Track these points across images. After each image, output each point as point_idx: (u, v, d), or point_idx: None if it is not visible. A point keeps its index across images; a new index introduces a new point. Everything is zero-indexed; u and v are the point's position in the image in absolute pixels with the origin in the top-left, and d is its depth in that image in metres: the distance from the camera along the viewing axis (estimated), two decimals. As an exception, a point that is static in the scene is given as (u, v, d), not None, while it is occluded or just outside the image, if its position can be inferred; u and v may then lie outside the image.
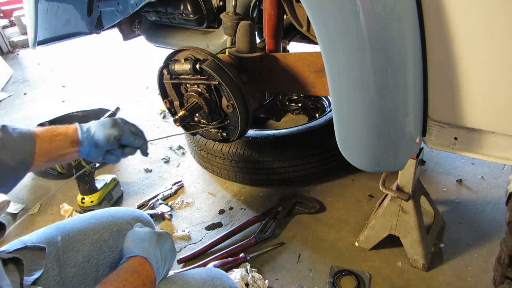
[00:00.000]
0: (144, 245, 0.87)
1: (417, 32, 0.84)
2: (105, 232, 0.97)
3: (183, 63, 1.26)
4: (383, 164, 1.02)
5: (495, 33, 0.78)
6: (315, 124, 1.86)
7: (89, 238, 0.94)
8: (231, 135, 1.39)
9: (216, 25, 1.79)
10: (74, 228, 0.96)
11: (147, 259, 0.83)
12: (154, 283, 0.82)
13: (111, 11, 1.73)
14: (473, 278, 1.39)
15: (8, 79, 3.74)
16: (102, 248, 0.94)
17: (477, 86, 0.85)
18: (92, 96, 3.18)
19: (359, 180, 1.92)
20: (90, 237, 0.95)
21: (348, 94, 0.93)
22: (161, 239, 0.92)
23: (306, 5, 0.86)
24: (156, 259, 0.86)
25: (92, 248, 0.93)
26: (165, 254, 0.90)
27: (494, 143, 0.93)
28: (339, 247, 1.56)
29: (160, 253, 0.88)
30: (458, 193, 1.78)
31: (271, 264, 1.52)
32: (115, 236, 0.97)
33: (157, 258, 0.87)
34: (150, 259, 0.84)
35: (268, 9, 1.40)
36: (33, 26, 1.69)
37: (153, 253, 0.86)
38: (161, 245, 0.90)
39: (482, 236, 1.54)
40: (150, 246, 0.88)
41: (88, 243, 0.94)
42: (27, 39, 2.35)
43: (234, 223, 1.74)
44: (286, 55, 1.34)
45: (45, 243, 0.88)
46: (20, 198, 2.04)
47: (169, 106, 1.44)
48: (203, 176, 2.08)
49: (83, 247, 0.93)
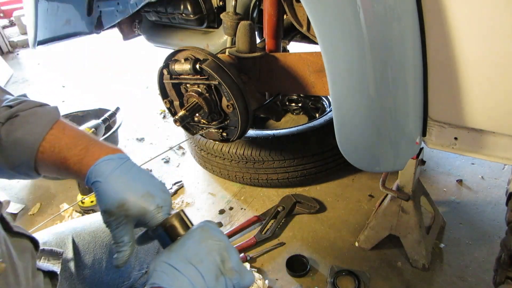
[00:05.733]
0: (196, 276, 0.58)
1: (417, 32, 0.84)
2: None
3: (183, 63, 1.26)
4: (383, 164, 1.02)
5: (495, 32, 0.78)
6: (315, 124, 1.86)
7: (100, 240, 0.92)
8: (231, 135, 1.39)
9: (216, 25, 1.79)
10: (85, 229, 0.94)
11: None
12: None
13: (111, 11, 1.72)
14: (473, 278, 1.39)
15: (8, 79, 3.74)
16: (112, 252, 0.91)
17: (477, 86, 0.85)
18: (92, 96, 3.18)
19: (359, 180, 1.92)
20: (101, 239, 0.92)
21: (348, 94, 0.93)
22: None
23: (306, 5, 0.86)
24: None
25: (103, 251, 0.91)
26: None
27: (494, 143, 0.93)
28: (339, 247, 1.56)
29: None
30: (458, 193, 1.78)
31: (271, 264, 1.52)
32: None
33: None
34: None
35: (268, 9, 1.40)
36: (33, 26, 1.68)
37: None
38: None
39: (482, 236, 1.54)
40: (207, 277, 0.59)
41: (99, 246, 0.91)
42: (27, 39, 2.35)
43: (234, 223, 1.74)
44: (286, 55, 1.34)
45: (57, 243, 0.87)
46: (20, 198, 2.04)
47: (169, 106, 1.44)
48: (203, 176, 2.08)
49: (95, 249, 0.91)
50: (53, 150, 0.70)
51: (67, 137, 0.71)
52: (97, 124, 2.07)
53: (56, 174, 0.73)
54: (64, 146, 0.70)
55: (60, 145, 0.70)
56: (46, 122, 0.71)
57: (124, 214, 0.64)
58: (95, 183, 0.65)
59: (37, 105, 0.74)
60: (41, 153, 0.69)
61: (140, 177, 0.67)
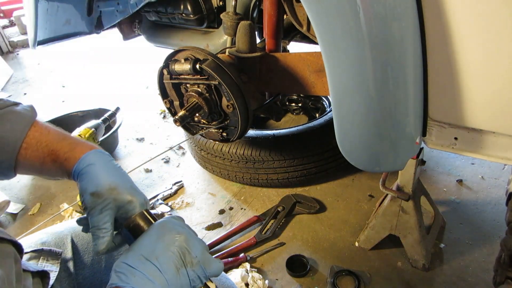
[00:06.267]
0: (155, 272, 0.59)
1: (417, 32, 0.84)
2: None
3: (183, 63, 1.26)
4: (383, 164, 1.02)
5: (495, 32, 0.78)
6: (315, 124, 1.86)
7: None
8: (231, 135, 1.39)
9: (216, 25, 1.79)
10: None
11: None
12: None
13: (111, 11, 1.72)
14: (473, 278, 1.39)
15: (8, 79, 3.74)
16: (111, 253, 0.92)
17: (477, 86, 0.85)
18: (92, 96, 3.18)
19: (359, 180, 1.92)
20: None
21: (348, 94, 0.93)
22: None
23: (306, 5, 0.86)
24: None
25: None
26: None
27: (494, 143, 0.93)
28: (339, 247, 1.56)
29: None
30: (458, 193, 1.78)
31: (271, 264, 1.52)
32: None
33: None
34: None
35: (268, 9, 1.40)
36: (33, 26, 1.68)
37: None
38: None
39: (482, 236, 1.54)
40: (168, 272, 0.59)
41: None
42: (27, 39, 2.35)
43: (234, 223, 1.74)
44: (286, 55, 1.34)
45: (56, 243, 0.87)
46: (20, 198, 2.04)
47: (169, 106, 1.44)
48: (203, 176, 2.08)
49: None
50: (40, 145, 0.72)
51: (53, 132, 0.74)
52: (97, 124, 2.07)
53: (35, 171, 0.75)
54: (52, 140, 0.72)
55: (47, 139, 0.72)
56: (27, 120, 0.73)
57: (113, 197, 0.66)
58: (88, 167, 0.67)
59: (12, 104, 0.75)
60: (24, 150, 0.71)
61: (125, 173, 0.72)
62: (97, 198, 0.65)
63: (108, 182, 0.66)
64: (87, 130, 1.97)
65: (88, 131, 1.96)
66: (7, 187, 2.12)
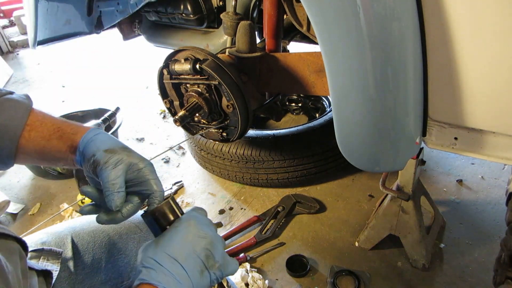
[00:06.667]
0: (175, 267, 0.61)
1: (417, 32, 0.84)
2: (115, 234, 0.93)
3: (183, 63, 1.26)
4: (383, 164, 1.02)
5: (495, 32, 0.78)
6: (315, 124, 1.86)
7: (99, 240, 0.92)
8: (231, 135, 1.39)
9: (216, 25, 1.79)
10: (84, 229, 0.93)
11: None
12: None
13: (111, 11, 1.72)
14: (473, 278, 1.39)
15: (8, 79, 3.74)
16: (111, 251, 0.92)
17: (477, 86, 0.85)
18: (92, 96, 3.18)
19: (359, 180, 1.92)
20: (100, 239, 0.92)
21: (348, 94, 0.93)
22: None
23: (306, 5, 0.86)
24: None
25: (102, 251, 0.91)
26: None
27: (494, 143, 0.93)
28: (339, 247, 1.56)
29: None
30: (458, 193, 1.78)
31: (271, 264, 1.52)
32: (124, 239, 0.94)
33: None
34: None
35: (268, 9, 1.40)
36: (33, 26, 1.68)
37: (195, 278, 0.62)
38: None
39: (482, 236, 1.54)
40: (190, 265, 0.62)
41: (99, 246, 0.91)
42: (27, 39, 2.35)
43: (234, 223, 1.74)
44: (286, 55, 1.34)
45: (56, 243, 0.87)
46: (20, 198, 2.04)
47: (169, 106, 1.44)
48: (203, 176, 2.08)
49: (94, 249, 0.90)
50: (44, 125, 0.73)
51: (53, 116, 0.76)
52: (97, 124, 2.07)
53: (37, 153, 0.75)
54: (56, 120, 0.75)
55: (51, 119, 0.75)
56: (25, 107, 0.74)
57: (126, 154, 0.68)
58: (96, 135, 0.70)
59: (7, 92, 0.75)
60: (27, 132, 0.72)
61: None
62: (111, 153, 0.67)
63: (120, 144, 0.69)
64: (87, 130, 1.97)
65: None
66: (7, 187, 2.12)
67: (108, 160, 0.66)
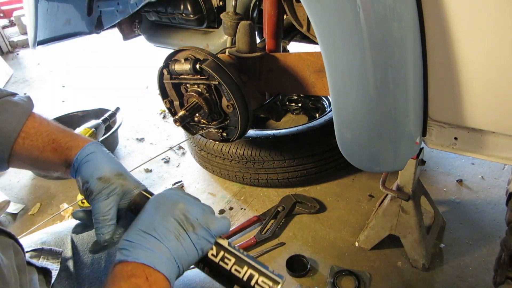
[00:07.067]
0: (170, 240, 0.58)
1: (417, 32, 0.84)
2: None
3: (183, 63, 1.26)
4: (383, 164, 1.02)
5: (495, 32, 0.78)
6: (315, 124, 1.86)
7: None
8: (231, 135, 1.39)
9: (216, 25, 1.79)
10: None
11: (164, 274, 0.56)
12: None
13: (111, 11, 1.73)
14: (473, 278, 1.39)
15: (8, 79, 3.74)
16: (111, 251, 0.91)
17: (477, 86, 0.85)
18: (92, 96, 3.18)
19: (359, 180, 1.92)
20: None
21: (348, 94, 0.93)
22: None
23: (306, 5, 0.86)
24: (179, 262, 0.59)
25: None
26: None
27: (494, 143, 0.93)
28: (339, 247, 1.56)
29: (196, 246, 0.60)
30: (458, 193, 1.78)
31: (271, 264, 1.52)
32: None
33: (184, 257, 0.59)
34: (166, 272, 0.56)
35: (268, 9, 1.40)
36: (33, 26, 1.69)
37: (181, 253, 0.59)
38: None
39: (482, 236, 1.54)
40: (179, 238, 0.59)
41: None
42: (27, 39, 2.35)
43: (234, 223, 1.74)
44: (286, 55, 1.34)
45: (56, 243, 0.87)
46: (20, 198, 2.04)
47: (169, 106, 1.44)
48: (203, 176, 2.08)
49: None
50: (39, 134, 0.72)
51: (52, 123, 0.75)
52: (97, 124, 2.07)
53: (30, 162, 0.74)
54: (52, 130, 0.73)
55: (48, 129, 0.73)
56: (23, 111, 0.73)
57: (120, 183, 0.66)
58: (91, 154, 0.69)
59: (9, 94, 0.74)
60: (22, 139, 0.71)
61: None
62: (104, 182, 0.65)
63: (116, 168, 0.67)
64: (87, 130, 1.97)
65: (88, 131, 1.97)
66: (7, 187, 2.12)
67: (101, 190, 0.65)
